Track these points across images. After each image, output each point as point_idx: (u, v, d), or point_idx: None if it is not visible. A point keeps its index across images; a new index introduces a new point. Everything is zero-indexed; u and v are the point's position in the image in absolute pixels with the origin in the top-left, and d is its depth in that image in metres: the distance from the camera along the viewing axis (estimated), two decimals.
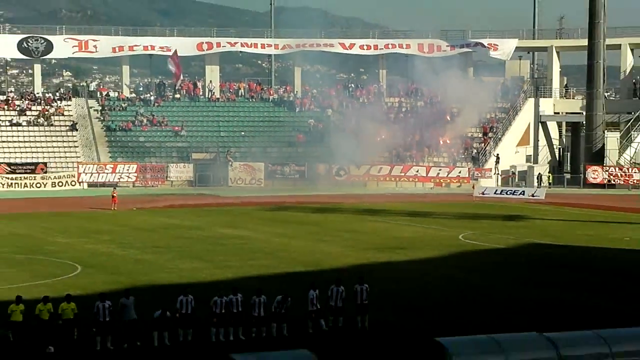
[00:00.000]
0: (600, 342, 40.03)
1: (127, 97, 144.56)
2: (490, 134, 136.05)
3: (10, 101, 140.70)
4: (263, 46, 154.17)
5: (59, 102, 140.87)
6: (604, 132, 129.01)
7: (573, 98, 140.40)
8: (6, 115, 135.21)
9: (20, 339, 45.70)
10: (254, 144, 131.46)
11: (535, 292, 60.69)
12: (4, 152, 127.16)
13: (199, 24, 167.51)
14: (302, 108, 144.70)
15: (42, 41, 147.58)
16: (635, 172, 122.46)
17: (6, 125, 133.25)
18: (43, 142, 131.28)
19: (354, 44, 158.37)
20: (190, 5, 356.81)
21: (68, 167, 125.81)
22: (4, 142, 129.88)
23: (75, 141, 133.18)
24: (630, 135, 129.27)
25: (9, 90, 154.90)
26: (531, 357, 38.74)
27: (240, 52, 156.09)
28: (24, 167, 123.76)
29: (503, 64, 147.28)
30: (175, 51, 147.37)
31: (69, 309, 46.71)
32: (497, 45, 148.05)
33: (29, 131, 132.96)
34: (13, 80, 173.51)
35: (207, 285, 55.56)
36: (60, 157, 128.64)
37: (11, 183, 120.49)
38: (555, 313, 50.53)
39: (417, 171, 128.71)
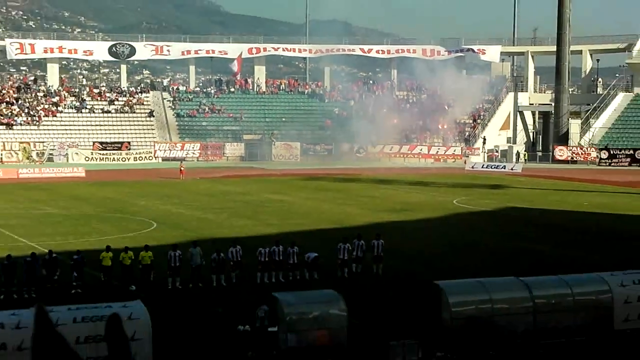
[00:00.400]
0: (563, 285, 40.31)
1: (193, 91, 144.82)
2: (478, 121, 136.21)
3: (102, 93, 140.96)
4: (300, 50, 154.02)
5: (139, 94, 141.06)
6: (568, 120, 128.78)
7: (544, 92, 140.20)
8: (99, 105, 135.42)
9: (108, 280, 46.49)
10: (292, 127, 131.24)
11: (514, 245, 60.96)
12: (97, 134, 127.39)
13: (249, 32, 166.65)
14: (330, 99, 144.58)
15: (127, 47, 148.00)
16: (592, 151, 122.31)
17: (98, 113, 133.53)
18: (127, 125, 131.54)
19: (371, 49, 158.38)
20: (241, 18, 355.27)
21: (146, 145, 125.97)
22: (97, 125, 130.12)
23: (152, 125, 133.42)
24: (589, 122, 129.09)
25: (101, 85, 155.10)
26: (509, 296, 39.03)
27: (282, 55, 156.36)
28: (113, 145, 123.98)
29: (489, 65, 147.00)
30: (241, 54, 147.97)
31: (147, 257, 47.84)
32: (485, 50, 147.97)
33: (116, 117, 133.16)
34: (105, 77, 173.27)
35: (254, 238, 55.97)
36: (140, 137, 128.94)
37: (103, 158, 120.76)
38: (530, 261, 50.76)
39: (421, 150, 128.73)
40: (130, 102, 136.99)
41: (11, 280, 46.17)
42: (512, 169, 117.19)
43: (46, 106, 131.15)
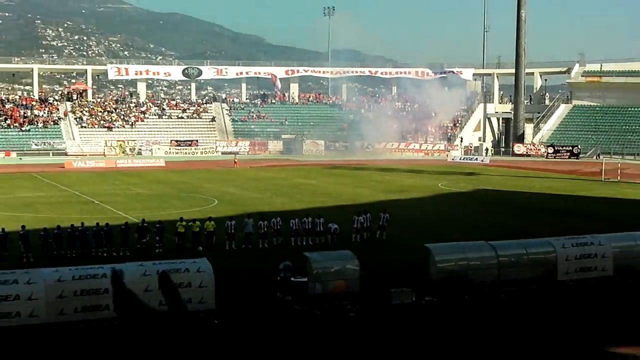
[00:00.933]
0: (520, 247, 40.32)
1: (244, 102, 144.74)
2: (457, 124, 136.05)
3: (177, 104, 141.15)
4: (324, 72, 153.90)
5: (204, 105, 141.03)
6: (523, 124, 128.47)
7: (506, 103, 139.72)
8: (175, 112, 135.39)
9: (182, 243, 46.49)
10: (317, 129, 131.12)
11: (484, 217, 60.95)
12: (174, 134, 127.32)
13: (285, 58, 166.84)
14: (346, 109, 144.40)
15: (196, 69, 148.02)
16: (541, 147, 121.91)
17: (174, 118, 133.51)
18: (195, 128, 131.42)
19: (377, 71, 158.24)
20: (280, 47, 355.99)
21: (209, 143, 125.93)
22: (173, 128, 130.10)
23: (214, 127, 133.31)
24: (539, 126, 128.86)
25: (177, 98, 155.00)
26: (480, 255, 39.10)
27: (310, 75, 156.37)
28: (185, 143, 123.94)
29: (465, 83, 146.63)
30: (275, 76, 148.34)
31: (210, 225, 48.14)
32: (462, 72, 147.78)
33: (187, 122, 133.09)
34: (179, 92, 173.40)
35: (289, 212, 55.82)
36: (205, 136, 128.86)
37: (177, 152, 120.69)
38: (495, 229, 50.66)
39: (414, 146, 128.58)
40: (197, 111, 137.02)
41: (111, 242, 46.37)
42: (482, 161, 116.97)
43: (136, 114, 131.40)
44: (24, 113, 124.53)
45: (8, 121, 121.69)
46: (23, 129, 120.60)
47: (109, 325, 32.05)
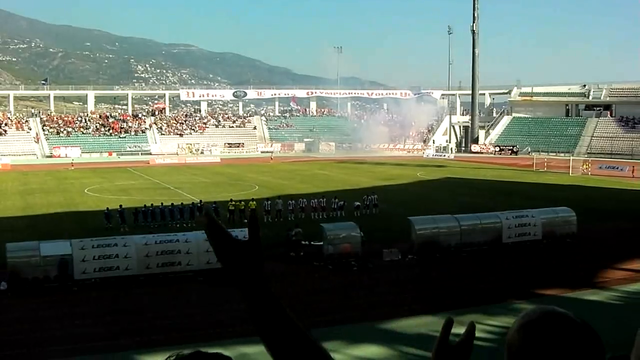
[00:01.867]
0: (476, 218, 40.16)
1: (277, 115, 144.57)
2: (430, 130, 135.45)
3: (229, 117, 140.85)
4: (334, 93, 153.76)
5: (248, 117, 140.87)
6: (478, 130, 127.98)
7: (465, 115, 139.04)
8: (227, 123, 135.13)
9: (232, 217, 46.32)
10: (330, 134, 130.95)
11: (450, 197, 60.63)
12: (226, 138, 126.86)
13: (307, 83, 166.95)
14: (350, 120, 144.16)
15: (242, 92, 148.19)
16: (491, 147, 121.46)
17: (227, 127, 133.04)
18: (242, 134, 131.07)
19: (372, 92, 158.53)
20: (303, 76, 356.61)
21: (252, 144, 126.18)
22: (226, 134, 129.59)
23: (255, 133, 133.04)
24: (489, 131, 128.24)
25: (229, 112, 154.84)
26: (447, 225, 38.95)
27: (325, 95, 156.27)
28: (235, 144, 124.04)
29: (435, 100, 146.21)
30: (294, 96, 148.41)
31: (253, 204, 47.54)
32: (433, 92, 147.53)
33: (236, 130, 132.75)
34: (230, 108, 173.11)
35: (310, 193, 55.69)
36: (249, 140, 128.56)
37: (229, 152, 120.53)
38: (458, 206, 50.44)
39: (399, 146, 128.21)
40: (243, 122, 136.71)
41: (182, 217, 46.51)
42: (448, 157, 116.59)
43: (200, 124, 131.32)
44: (121, 125, 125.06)
45: (110, 130, 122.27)
46: (121, 136, 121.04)
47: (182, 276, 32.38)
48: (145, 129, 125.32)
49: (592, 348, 1.88)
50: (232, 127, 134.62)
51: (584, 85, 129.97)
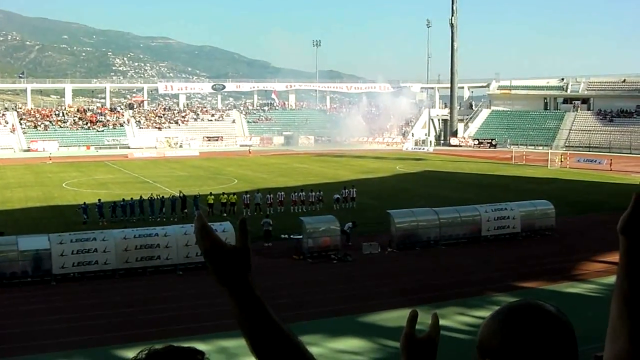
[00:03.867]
0: (455, 212, 40.31)
1: (255, 108, 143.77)
2: (409, 124, 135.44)
3: (207, 110, 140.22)
4: (314, 86, 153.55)
5: (227, 110, 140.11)
6: (457, 123, 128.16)
7: (444, 109, 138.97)
8: (206, 116, 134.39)
9: (211, 211, 46.30)
10: (309, 128, 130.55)
11: (428, 190, 60.72)
12: (205, 132, 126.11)
13: (286, 77, 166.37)
14: (329, 113, 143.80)
15: (221, 85, 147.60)
16: (470, 140, 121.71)
17: (206, 121, 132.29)
18: (221, 127, 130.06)
19: (351, 86, 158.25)
20: (282, 69, 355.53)
21: (231, 138, 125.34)
22: (205, 127, 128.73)
23: (234, 127, 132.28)
24: (468, 125, 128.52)
25: (207, 106, 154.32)
26: (426, 218, 39.08)
27: (303, 88, 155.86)
28: (213, 138, 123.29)
29: (415, 94, 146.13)
30: (275, 90, 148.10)
31: (233, 197, 48.14)
32: (412, 86, 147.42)
33: (215, 123, 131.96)
34: (209, 102, 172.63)
35: (289, 187, 55.62)
36: (228, 133, 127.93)
37: (207, 145, 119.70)
38: (437, 199, 50.56)
39: (378, 139, 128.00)
40: (222, 115, 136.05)
41: (161, 210, 46.44)
42: (427, 150, 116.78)
43: (178, 118, 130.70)
44: (99, 118, 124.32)
45: (88, 124, 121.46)
46: (99, 129, 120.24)
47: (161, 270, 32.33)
48: (124, 122, 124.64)
49: (564, 337, 1.90)
50: (211, 120, 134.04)
51: (562, 79, 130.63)
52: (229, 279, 1.97)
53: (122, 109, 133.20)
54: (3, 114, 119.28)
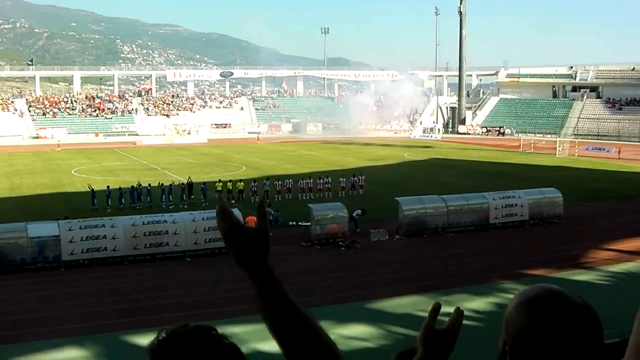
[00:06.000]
0: (460, 199, 40.30)
1: (264, 96, 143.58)
2: (417, 111, 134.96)
3: (216, 97, 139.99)
4: (322, 74, 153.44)
5: (236, 97, 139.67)
6: (465, 111, 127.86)
7: (452, 96, 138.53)
8: (214, 104, 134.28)
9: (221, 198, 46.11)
10: (317, 115, 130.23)
11: (436, 178, 60.63)
12: (213, 119, 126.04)
13: (294, 64, 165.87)
14: (338, 100, 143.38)
15: (229, 72, 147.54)
16: (478, 128, 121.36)
17: (214, 108, 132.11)
18: (229, 114, 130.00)
19: (360, 73, 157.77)
20: (290, 56, 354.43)
21: (239, 125, 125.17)
22: (213, 115, 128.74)
23: (242, 114, 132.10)
24: (476, 112, 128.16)
25: (215, 93, 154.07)
26: (434, 205, 39.44)
27: (311, 75, 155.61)
28: (222, 125, 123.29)
29: (422, 81, 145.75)
30: (286, 79, 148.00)
31: (241, 184, 48.13)
32: (420, 73, 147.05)
33: (224, 110, 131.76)
34: (217, 88, 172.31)
35: (297, 174, 55.62)
36: (236, 121, 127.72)
37: (216, 132, 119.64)
38: (444, 186, 50.52)
39: (386, 127, 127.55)
40: (230, 102, 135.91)
41: (169, 197, 46.54)
42: (435, 138, 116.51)
43: (186, 105, 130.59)
44: (108, 106, 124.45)
45: (97, 111, 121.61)
46: (107, 117, 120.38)
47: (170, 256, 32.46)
48: (132, 109, 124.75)
49: (591, 326, 1.93)
50: (219, 107, 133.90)
51: (571, 67, 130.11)
52: (249, 261, 2.00)
53: (130, 96, 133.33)
54: (12, 101, 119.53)
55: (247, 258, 2.01)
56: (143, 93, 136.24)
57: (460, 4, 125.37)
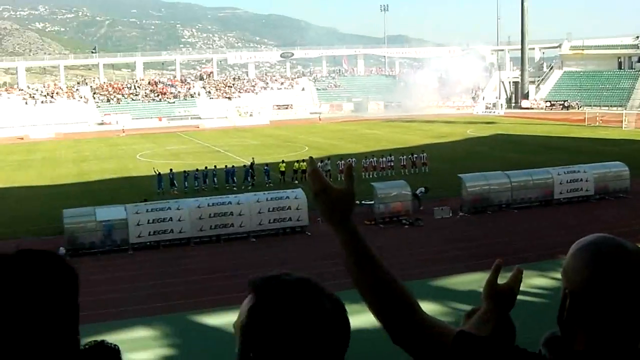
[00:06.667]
0: (527, 175, 40.09)
1: (325, 76, 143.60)
2: (480, 87, 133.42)
3: (277, 79, 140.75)
4: (382, 52, 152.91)
5: (297, 78, 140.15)
6: (528, 85, 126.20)
7: (515, 70, 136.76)
8: (275, 85, 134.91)
9: (283, 178, 46.59)
10: (378, 93, 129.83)
11: (500, 154, 60.11)
12: (275, 100, 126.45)
13: (354, 43, 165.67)
14: (399, 78, 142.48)
15: (290, 53, 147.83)
16: (541, 102, 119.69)
17: (275, 90, 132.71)
18: (291, 95, 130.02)
19: (420, 50, 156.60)
20: (350, 35, 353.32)
21: (301, 105, 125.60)
22: (275, 96, 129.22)
23: (304, 95, 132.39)
24: (539, 86, 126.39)
25: (277, 75, 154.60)
26: (498, 182, 38.82)
27: (372, 54, 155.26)
28: (283, 106, 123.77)
29: (484, 57, 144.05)
30: (345, 57, 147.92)
31: (303, 165, 47.67)
32: (482, 48, 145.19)
33: (285, 91, 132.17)
34: (278, 70, 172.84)
35: (360, 153, 55.56)
36: (298, 101, 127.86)
37: (277, 113, 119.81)
38: (509, 162, 50.01)
39: (449, 104, 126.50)
40: (291, 83, 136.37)
41: (233, 179, 47.06)
42: (498, 113, 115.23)
43: (248, 87, 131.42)
44: (171, 90, 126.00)
45: (160, 96, 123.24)
46: (170, 101, 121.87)
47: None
48: (194, 93, 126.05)
49: None
50: (280, 88, 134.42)
51: (637, 37, 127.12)
52: (336, 218, 2.17)
53: (192, 80, 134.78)
54: (77, 89, 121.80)
55: (333, 215, 2.17)
56: (204, 77, 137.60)
57: None
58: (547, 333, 2.30)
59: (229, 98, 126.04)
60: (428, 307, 22.45)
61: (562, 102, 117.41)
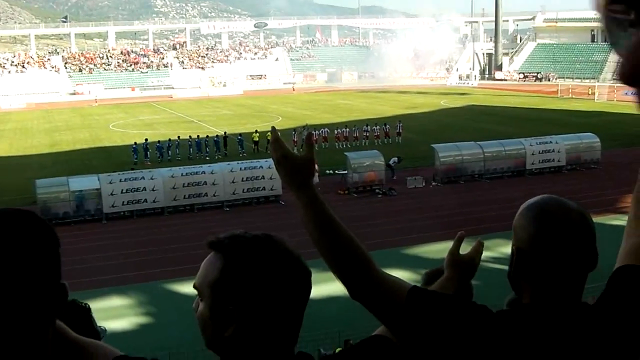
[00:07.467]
0: (499, 145, 40.25)
1: (299, 46, 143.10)
2: (454, 58, 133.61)
3: (250, 49, 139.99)
4: (356, 23, 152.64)
5: (270, 48, 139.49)
6: (501, 57, 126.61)
7: (488, 42, 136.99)
8: (249, 55, 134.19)
9: (257, 148, 46.63)
10: (352, 64, 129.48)
11: (473, 125, 60.37)
12: (249, 70, 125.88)
13: (328, 13, 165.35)
14: (372, 49, 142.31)
15: (263, 23, 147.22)
16: (514, 74, 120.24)
17: (249, 59, 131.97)
18: (265, 65, 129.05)
19: (394, 20, 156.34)
20: (324, 6, 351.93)
21: (274, 76, 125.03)
22: (249, 66, 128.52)
23: (277, 65, 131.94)
24: (513, 58, 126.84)
25: (250, 45, 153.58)
26: (470, 152, 39.08)
27: (345, 25, 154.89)
28: (257, 76, 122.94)
29: (459, 28, 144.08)
30: (319, 28, 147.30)
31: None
32: (456, 19, 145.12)
33: (258, 61, 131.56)
34: (251, 40, 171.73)
35: (333, 123, 55.59)
36: (272, 72, 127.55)
37: (251, 84, 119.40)
38: (481, 133, 50.29)
39: (422, 74, 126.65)
40: (265, 53, 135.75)
41: (206, 149, 47.00)
42: (472, 85, 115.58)
43: (221, 57, 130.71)
44: (143, 60, 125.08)
45: (132, 66, 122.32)
46: (142, 71, 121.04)
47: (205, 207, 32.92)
48: (167, 63, 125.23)
49: (588, 228, 2.28)
50: (254, 59, 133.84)
51: None
52: (296, 183, 2.26)
53: (165, 50, 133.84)
54: (48, 59, 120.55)
55: (295, 180, 2.26)
56: (177, 46, 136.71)
57: None
58: (511, 294, 2.49)
59: (202, 68, 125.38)
60: (400, 274, 22.49)
61: (535, 74, 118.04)
